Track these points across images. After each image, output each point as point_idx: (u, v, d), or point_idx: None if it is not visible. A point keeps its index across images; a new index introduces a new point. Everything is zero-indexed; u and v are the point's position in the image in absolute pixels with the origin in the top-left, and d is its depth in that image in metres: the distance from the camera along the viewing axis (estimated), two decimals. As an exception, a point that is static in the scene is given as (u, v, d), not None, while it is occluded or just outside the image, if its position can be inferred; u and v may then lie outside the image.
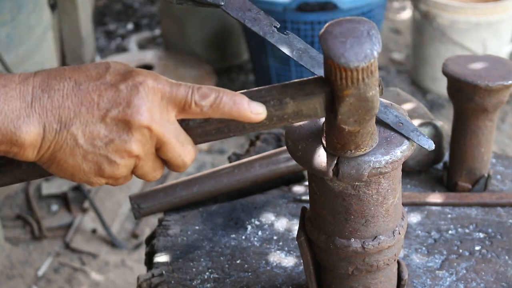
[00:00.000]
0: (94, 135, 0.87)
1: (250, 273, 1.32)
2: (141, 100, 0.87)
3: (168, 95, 0.89)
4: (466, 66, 1.42)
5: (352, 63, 0.88)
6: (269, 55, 3.87)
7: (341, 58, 0.88)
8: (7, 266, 3.05)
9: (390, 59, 4.66)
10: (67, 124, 0.86)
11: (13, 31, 3.03)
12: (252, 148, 1.71)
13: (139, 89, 0.87)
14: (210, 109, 0.91)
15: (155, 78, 0.90)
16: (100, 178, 0.91)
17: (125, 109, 0.87)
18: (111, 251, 3.14)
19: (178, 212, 1.50)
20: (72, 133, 0.86)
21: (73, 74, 0.88)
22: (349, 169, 1.00)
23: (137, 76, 0.88)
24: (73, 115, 0.86)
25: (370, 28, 0.90)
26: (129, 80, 0.88)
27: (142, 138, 0.89)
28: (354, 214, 1.05)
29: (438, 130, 1.51)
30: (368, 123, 0.97)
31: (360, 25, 0.91)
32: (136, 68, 0.90)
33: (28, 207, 3.37)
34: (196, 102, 0.90)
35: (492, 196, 1.48)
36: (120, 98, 0.87)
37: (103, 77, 0.88)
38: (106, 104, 0.87)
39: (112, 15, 5.46)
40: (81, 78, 0.87)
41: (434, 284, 1.29)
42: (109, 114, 0.87)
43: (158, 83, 0.89)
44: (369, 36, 0.90)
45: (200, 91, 0.91)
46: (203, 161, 3.70)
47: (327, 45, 0.89)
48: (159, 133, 0.89)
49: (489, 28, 3.96)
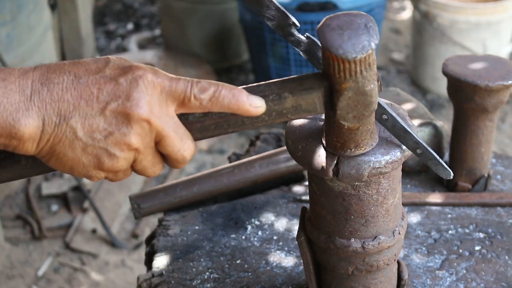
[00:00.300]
0: (93, 128, 0.87)
1: (250, 273, 1.32)
2: (140, 93, 0.87)
3: (168, 89, 0.90)
4: (466, 66, 1.42)
5: (349, 54, 0.88)
6: (269, 55, 3.87)
7: (338, 50, 0.89)
8: (7, 266, 3.05)
9: (390, 59, 4.66)
10: (66, 117, 0.86)
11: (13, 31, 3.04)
12: (252, 148, 1.71)
13: (139, 82, 0.88)
14: (209, 102, 0.91)
15: (154, 72, 0.90)
16: (99, 172, 0.91)
17: (125, 102, 0.87)
18: (111, 251, 3.14)
19: (178, 212, 1.50)
20: (71, 126, 0.87)
21: (72, 68, 0.88)
22: (349, 169, 1.00)
23: (137, 70, 0.89)
24: (72, 108, 0.86)
25: (367, 21, 0.91)
26: (129, 73, 0.88)
27: (142, 131, 0.89)
28: (354, 214, 1.05)
29: (438, 130, 1.51)
30: (368, 120, 0.97)
31: (357, 18, 0.91)
32: (136, 63, 0.91)
33: (28, 207, 3.37)
34: (195, 95, 0.90)
35: (492, 196, 1.48)
36: (119, 91, 0.87)
37: (102, 71, 0.88)
38: (106, 97, 0.87)
39: (112, 15, 5.46)
40: (80, 71, 0.87)
41: (434, 284, 1.29)
42: (109, 107, 0.87)
43: (157, 77, 0.89)
44: (366, 28, 0.90)
45: (199, 85, 0.91)
46: (203, 161, 3.70)
47: (325, 37, 0.90)
48: (159, 127, 0.89)
49: (489, 28, 3.96)
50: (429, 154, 1.03)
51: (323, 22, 0.92)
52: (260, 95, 0.94)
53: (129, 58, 4.37)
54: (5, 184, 3.39)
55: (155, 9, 5.47)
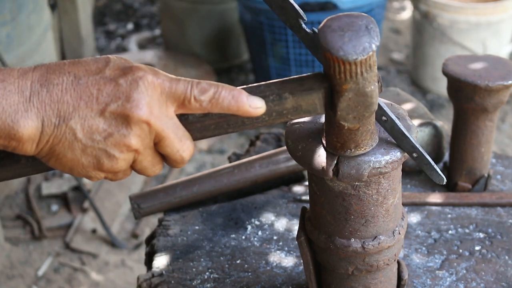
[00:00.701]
0: (93, 129, 0.87)
1: (250, 273, 1.32)
2: (140, 95, 0.87)
3: (168, 90, 0.90)
4: (466, 66, 1.42)
5: (350, 55, 0.88)
6: (269, 55, 3.87)
7: (339, 51, 0.89)
8: (7, 266, 3.05)
9: (390, 59, 4.66)
10: (65, 118, 0.86)
11: (13, 31, 3.04)
12: (252, 148, 1.71)
13: (139, 83, 0.88)
14: (209, 104, 0.91)
15: (154, 73, 0.90)
16: (99, 172, 0.91)
17: (124, 103, 0.87)
18: (111, 251, 3.14)
19: (178, 212, 1.50)
20: (71, 127, 0.87)
21: (72, 68, 0.88)
22: (349, 169, 1.00)
23: (137, 71, 0.89)
24: (72, 109, 0.86)
25: (368, 22, 0.91)
26: (129, 74, 0.88)
27: (141, 133, 0.89)
28: (354, 214, 1.05)
29: (438, 130, 1.51)
30: (368, 121, 0.97)
31: (358, 20, 0.91)
32: (136, 63, 0.91)
33: (28, 207, 3.37)
34: (195, 97, 0.90)
35: (492, 196, 1.48)
36: (119, 92, 0.87)
37: (102, 72, 0.88)
38: (105, 98, 0.87)
39: (112, 15, 5.46)
40: (80, 72, 0.87)
41: (434, 284, 1.29)
42: (108, 108, 0.87)
43: (157, 78, 0.89)
44: (367, 30, 0.90)
45: (199, 86, 0.91)
46: (203, 161, 3.70)
47: (326, 39, 0.90)
48: (158, 128, 0.89)
49: (489, 28, 3.96)
50: (424, 159, 1.04)
51: (324, 23, 0.92)
52: (260, 96, 0.94)
53: (129, 58, 4.37)
54: (5, 184, 3.40)
55: (155, 9, 5.47)
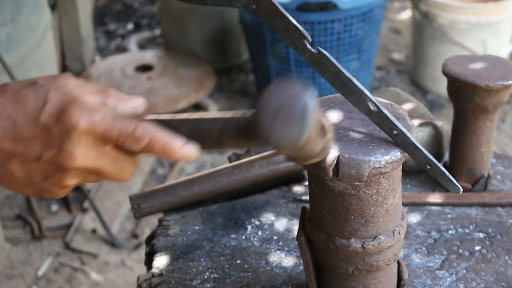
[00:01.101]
0: (31, 171, 0.91)
1: (250, 273, 1.32)
2: (73, 145, 0.89)
3: (102, 136, 0.91)
4: (466, 66, 1.42)
5: (279, 143, 0.85)
6: (269, 55, 3.86)
7: (270, 137, 0.85)
8: (7, 266, 3.05)
9: (390, 59, 4.66)
10: (6, 162, 0.91)
11: (13, 31, 3.03)
12: (252, 148, 1.71)
13: (71, 134, 0.89)
14: (141, 151, 0.93)
15: (89, 114, 0.90)
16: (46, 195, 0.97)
17: (57, 154, 0.90)
18: (111, 251, 3.14)
19: (178, 212, 1.50)
20: (11, 170, 0.91)
21: (12, 111, 0.90)
22: (349, 169, 1.00)
23: (71, 117, 0.89)
24: (11, 155, 0.90)
25: (305, 108, 0.85)
26: (62, 122, 0.89)
27: (78, 174, 0.92)
28: (354, 214, 1.05)
29: (438, 130, 1.51)
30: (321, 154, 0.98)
31: (295, 102, 0.85)
32: (75, 98, 0.91)
33: (28, 207, 3.37)
34: (128, 145, 0.92)
35: (492, 196, 1.48)
36: (53, 142, 0.90)
37: (39, 116, 0.90)
38: (41, 147, 0.90)
39: (112, 15, 5.46)
40: (19, 116, 0.90)
41: (434, 284, 1.29)
42: (44, 156, 0.90)
43: (92, 123, 0.89)
44: (301, 118, 0.85)
45: (134, 135, 0.91)
46: (203, 161, 3.70)
47: (260, 119, 0.85)
48: (95, 168, 0.92)
49: (489, 28, 3.96)
50: (438, 170, 1.05)
51: (262, 99, 0.86)
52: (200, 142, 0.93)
53: (129, 58, 4.39)
54: (5, 184, 3.40)
55: (155, 9, 5.47)
